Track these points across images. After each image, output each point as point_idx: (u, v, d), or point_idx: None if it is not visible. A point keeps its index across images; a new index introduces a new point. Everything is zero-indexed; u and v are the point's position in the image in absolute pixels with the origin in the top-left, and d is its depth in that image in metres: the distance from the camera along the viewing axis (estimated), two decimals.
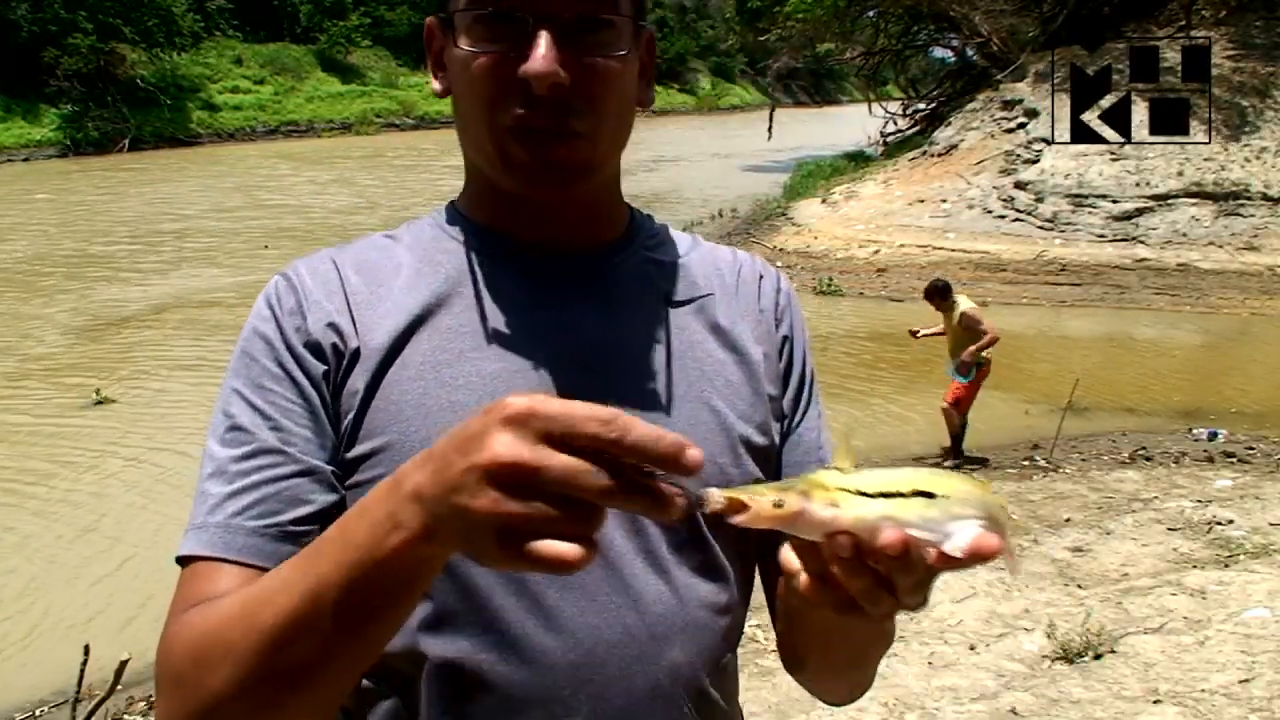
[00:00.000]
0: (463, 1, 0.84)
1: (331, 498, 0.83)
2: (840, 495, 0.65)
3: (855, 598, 0.67)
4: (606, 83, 0.85)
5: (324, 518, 0.81)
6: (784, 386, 0.99)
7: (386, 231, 0.97)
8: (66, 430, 8.09)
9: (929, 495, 0.66)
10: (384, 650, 0.84)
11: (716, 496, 0.64)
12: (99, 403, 8.54)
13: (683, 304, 0.96)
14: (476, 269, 0.92)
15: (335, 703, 0.75)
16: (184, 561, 0.81)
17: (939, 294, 7.42)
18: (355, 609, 0.66)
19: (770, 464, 0.96)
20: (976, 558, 0.65)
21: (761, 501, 0.64)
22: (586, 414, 0.58)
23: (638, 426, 0.58)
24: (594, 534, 0.59)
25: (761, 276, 1.02)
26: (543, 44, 0.80)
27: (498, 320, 0.89)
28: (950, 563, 0.66)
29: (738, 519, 0.64)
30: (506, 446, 0.58)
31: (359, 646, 0.70)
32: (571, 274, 0.93)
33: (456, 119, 0.90)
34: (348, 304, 0.88)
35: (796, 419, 1.00)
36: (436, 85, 0.93)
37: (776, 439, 0.97)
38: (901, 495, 0.65)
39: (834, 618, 0.69)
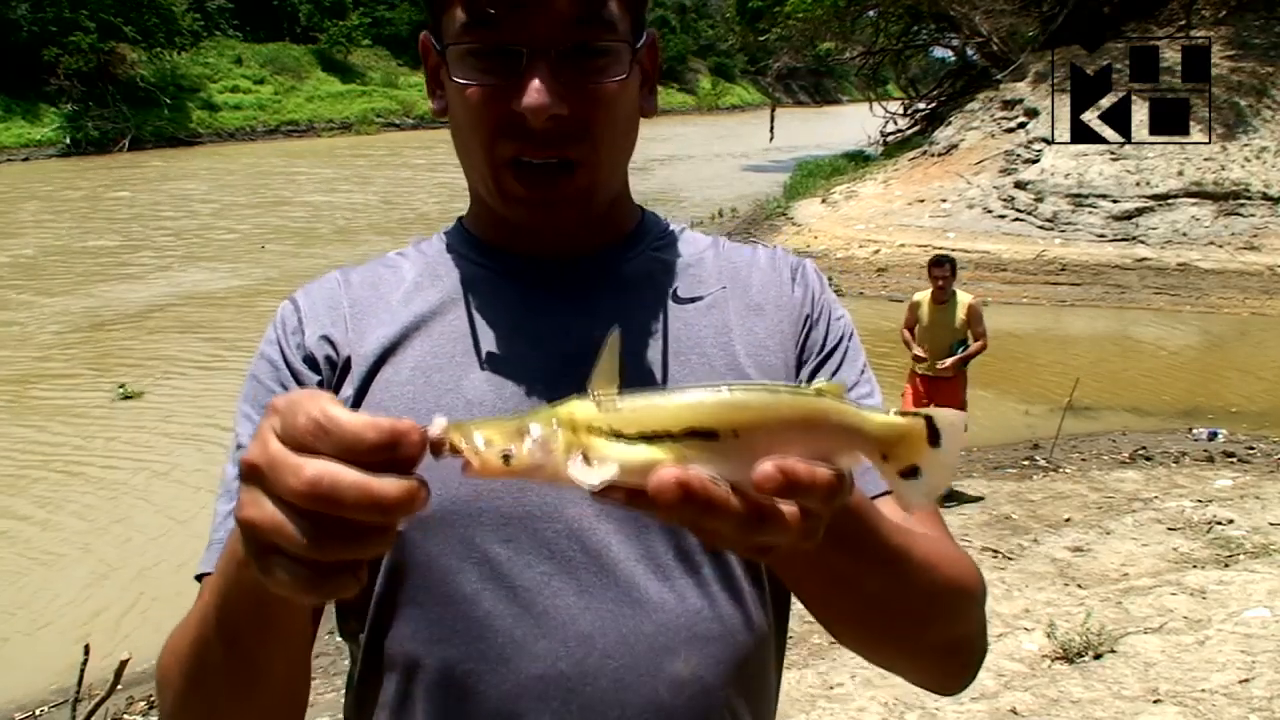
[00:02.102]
0: (455, 33, 0.81)
1: None
2: (592, 441, 0.51)
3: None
4: (605, 107, 0.83)
5: None
6: (801, 363, 0.92)
7: (399, 250, 0.99)
8: (87, 426, 8.05)
9: (710, 436, 0.51)
10: (385, 658, 0.86)
11: (437, 428, 0.51)
12: (125, 397, 8.51)
13: (691, 300, 0.92)
14: (476, 280, 0.92)
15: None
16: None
17: (952, 267, 6.40)
18: (229, 634, 0.70)
19: None
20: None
21: (487, 454, 0.51)
22: (304, 409, 0.51)
23: (338, 424, 0.50)
24: (281, 545, 0.51)
25: (780, 264, 0.97)
26: (537, 77, 0.78)
27: (491, 327, 0.89)
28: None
29: (465, 474, 0.52)
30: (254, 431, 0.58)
31: (244, 669, 0.73)
32: (573, 279, 0.91)
33: (455, 144, 0.89)
34: (345, 315, 0.90)
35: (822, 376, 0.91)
36: (434, 104, 0.91)
37: None
38: (671, 437, 0.51)
39: (796, 564, 0.62)
